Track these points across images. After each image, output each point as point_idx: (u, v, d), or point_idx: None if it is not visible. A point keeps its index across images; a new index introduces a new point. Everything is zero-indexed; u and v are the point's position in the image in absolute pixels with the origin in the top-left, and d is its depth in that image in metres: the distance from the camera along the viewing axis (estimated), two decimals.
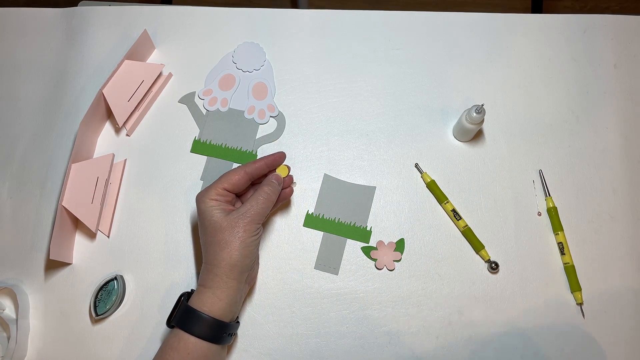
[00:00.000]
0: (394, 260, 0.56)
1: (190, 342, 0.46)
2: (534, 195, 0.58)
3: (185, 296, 0.50)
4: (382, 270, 0.56)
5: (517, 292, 0.55)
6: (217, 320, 0.47)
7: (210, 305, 0.47)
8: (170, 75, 0.63)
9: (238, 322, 0.52)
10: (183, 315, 0.48)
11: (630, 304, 0.55)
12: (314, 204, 0.58)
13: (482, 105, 0.53)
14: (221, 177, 0.51)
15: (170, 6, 0.66)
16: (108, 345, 0.55)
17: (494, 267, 0.56)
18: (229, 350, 0.54)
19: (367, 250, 0.57)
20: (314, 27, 0.65)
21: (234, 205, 0.52)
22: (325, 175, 0.60)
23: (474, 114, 0.54)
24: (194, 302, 0.48)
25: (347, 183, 0.59)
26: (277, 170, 0.53)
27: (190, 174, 0.60)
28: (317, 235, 0.58)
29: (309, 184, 0.59)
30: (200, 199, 0.50)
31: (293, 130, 0.61)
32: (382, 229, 0.58)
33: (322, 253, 0.57)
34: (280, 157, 0.53)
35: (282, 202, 0.56)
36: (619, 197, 0.58)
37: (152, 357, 0.49)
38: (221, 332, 0.48)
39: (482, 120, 0.55)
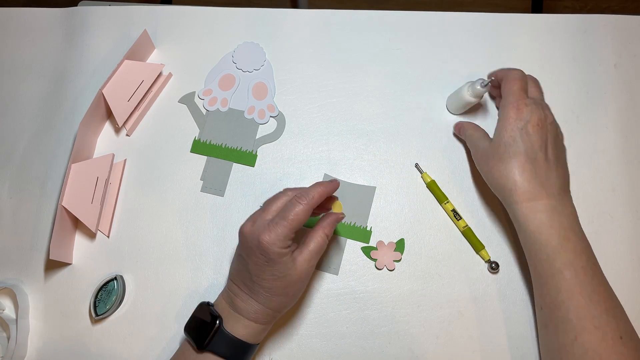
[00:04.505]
0: (394, 260, 0.56)
1: None
2: None
3: (221, 321, 0.47)
4: (382, 270, 0.56)
5: (517, 292, 0.55)
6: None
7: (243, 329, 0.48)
8: (170, 75, 0.63)
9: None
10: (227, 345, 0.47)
11: (630, 304, 0.55)
12: None
13: (490, 79, 0.54)
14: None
15: (170, 6, 0.66)
16: (108, 345, 0.55)
17: (494, 267, 0.56)
18: None
19: (367, 250, 0.57)
20: (314, 27, 0.65)
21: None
22: (325, 175, 0.60)
23: (479, 87, 0.54)
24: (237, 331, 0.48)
25: (347, 183, 0.59)
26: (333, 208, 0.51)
27: (190, 174, 0.60)
28: None
29: (309, 184, 0.59)
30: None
31: (293, 130, 0.61)
32: (382, 229, 0.58)
33: (323, 253, 0.57)
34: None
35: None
36: (619, 197, 0.58)
37: (153, 358, 0.50)
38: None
39: (483, 95, 0.56)
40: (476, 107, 0.61)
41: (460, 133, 0.58)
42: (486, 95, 0.61)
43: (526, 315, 0.55)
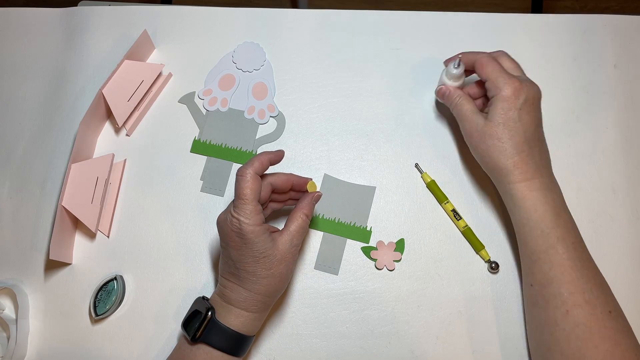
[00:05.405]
0: (394, 260, 0.56)
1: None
2: None
3: (213, 311, 0.47)
4: (382, 270, 0.56)
5: (517, 292, 0.55)
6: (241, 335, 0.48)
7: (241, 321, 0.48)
8: (170, 75, 0.63)
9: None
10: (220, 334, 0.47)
11: (630, 304, 0.55)
12: None
13: (459, 58, 0.54)
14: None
15: (170, 6, 0.66)
16: (108, 345, 0.55)
17: (493, 267, 0.56)
18: None
19: (367, 250, 0.57)
20: (314, 27, 0.65)
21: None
22: (325, 175, 0.60)
23: (453, 70, 0.54)
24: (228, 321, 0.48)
25: (347, 183, 0.59)
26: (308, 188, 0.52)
27: (190, 174, 0.60)
28: (317, 236, 0.58)
29: None
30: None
31: (293, 130, 0.61)
32: (382, 229, 0.58)
33: (322, 253, 0.57)
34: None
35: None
36: (619, 197, 0.58)
37: (153, 358, 0.50)
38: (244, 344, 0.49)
39: (462, 76, 0.55)
40: None
41: (444, 99, 0.56)
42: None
43: (525, 314, 0.55)
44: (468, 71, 0.56)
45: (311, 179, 0.52)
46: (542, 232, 0.48)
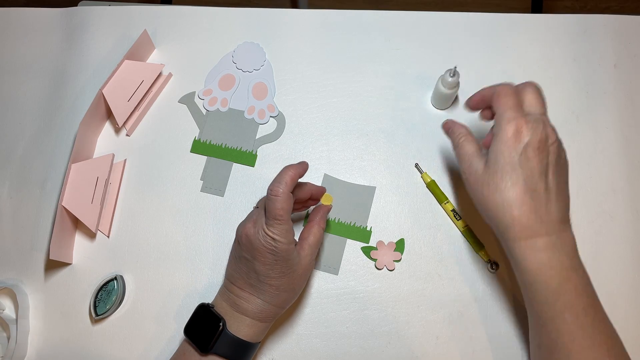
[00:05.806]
0: (394, 260, 0.56)
1: None
2: None
3: (224, 323, 0.47)
4: (382, 270, 0.56)
5: (517, 292, 0.55)
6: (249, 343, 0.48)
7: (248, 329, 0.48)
8: (170, 75, 0.63)
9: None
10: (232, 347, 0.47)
11: (631, 304, 0.55)
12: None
13: (455, 67, 0.55)
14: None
15: (170, 6, 0.66)
16: (108, 345, 0.55)
17: (493, 267, 0.56)
18: None
19: (367, 250, 0.57)
20: (314, 27, 0.65)
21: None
22: (325, 175, 0.60)
23: (449, 78, 0.55)
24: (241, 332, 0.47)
25: (347, 183, 0.59)
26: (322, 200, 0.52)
27: (190, 174, 0.60)
28: None
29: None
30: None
31: (293, 130, 0.61)
32: (382, 229, 0.58)
33: (322, 253, 0.57)
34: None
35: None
36: (619, 197, 0.58)
37: (153, 358, 0.49)
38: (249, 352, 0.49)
39: (457, 84, 0.56)
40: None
41: (448, 135, 0.52)
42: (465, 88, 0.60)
43: (526, 315, 0.55)
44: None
45: (326, 190, 0.52)
46: (547, 299, 0.44)
